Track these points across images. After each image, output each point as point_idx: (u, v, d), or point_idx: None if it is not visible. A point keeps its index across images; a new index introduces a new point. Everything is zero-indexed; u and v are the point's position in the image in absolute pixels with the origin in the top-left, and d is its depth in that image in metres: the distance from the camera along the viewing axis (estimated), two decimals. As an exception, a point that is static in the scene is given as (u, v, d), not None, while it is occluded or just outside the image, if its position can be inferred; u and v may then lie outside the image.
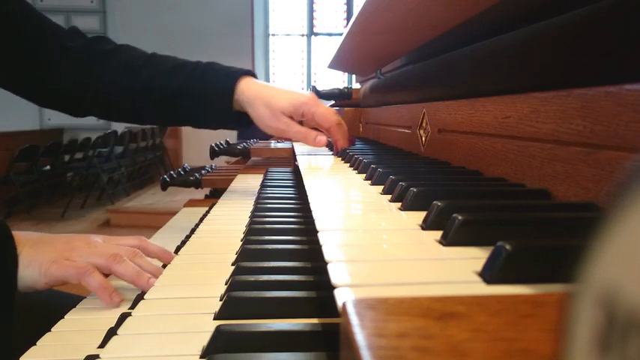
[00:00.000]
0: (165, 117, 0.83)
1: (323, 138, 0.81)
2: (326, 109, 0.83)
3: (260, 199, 0.81)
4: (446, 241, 0.32)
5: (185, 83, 0.78)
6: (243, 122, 0.83)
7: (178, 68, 0.80)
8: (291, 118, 0.80)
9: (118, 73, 0.79)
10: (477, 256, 0.29)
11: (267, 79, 6.33)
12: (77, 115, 0.84)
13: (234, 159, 1.65)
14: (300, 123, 0.82)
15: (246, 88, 0.79)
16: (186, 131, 5.93)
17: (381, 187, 0.55)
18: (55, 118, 5.71)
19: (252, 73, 0.82)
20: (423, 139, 0.87)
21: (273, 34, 6.35)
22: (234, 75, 0.79)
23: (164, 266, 0.53)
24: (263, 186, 0.94)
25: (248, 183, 1.06)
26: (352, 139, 0.94)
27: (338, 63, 1.69)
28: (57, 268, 0.47)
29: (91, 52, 0.79)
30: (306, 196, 0.54)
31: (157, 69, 0.79)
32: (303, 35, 6.35)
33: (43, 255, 0.48)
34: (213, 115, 0.80)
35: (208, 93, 0.78)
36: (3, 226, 0.48)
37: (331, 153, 0.99)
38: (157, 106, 0.80)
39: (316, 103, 0.81)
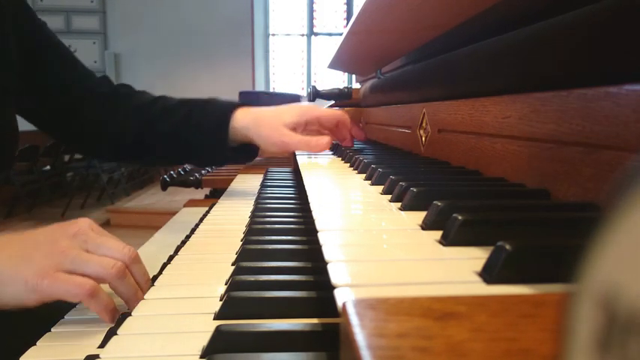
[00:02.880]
0: (167, 153, 0.85)
1: (324, 139, 0.81)
2: (328, 109, 0.84)
3: (260, 199, 0.81)
4: (446, 241, 0.32)
5: (185, 118, 0.81)
6: (247, 152, 0.84)
7: (181, 105, 0.83)
8: (294, 130, 0.80)
9: (131, 114, 0.83)
10: (477, 256, 0.29)
11: (267, 79, 6.34)
12: (92, 155, 0.92)
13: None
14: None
15: (243, 115, 0.80)
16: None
17: (381, 187, 0.55)
18: (55, 118, 5.70)
19: (250, 104, 0.84)
20: (423, 139, 0.87)
21: (273, 34, 6.35)
22: (230, 106, 0.81)
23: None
24: (263, 186, 0.94)
25: (248, 183, 1.06)
26: (360, 134, 0.95)
27: (338, 63, 1.69)
28: (51, 284, 0.40)
29: (114, 97, 0.84)
30: (306, 196, 0.54)
31: (163, 106, 0.83)
32: (303, 35, 6.35)
33: (26, 267, 0.40)
34: (212, 147, 0.81)
35: (205, 126, 0.80)
36: None
37: (331, 153, 0.99)
38: (160, 142, 0.82)
39: (317, 107, 0.83)
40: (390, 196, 0.49)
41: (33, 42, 0.77)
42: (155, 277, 0.50)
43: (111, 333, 0.38)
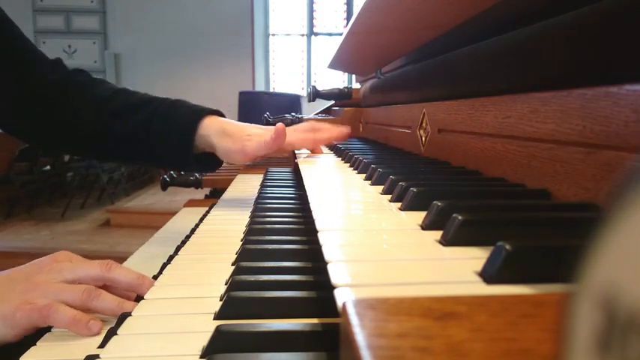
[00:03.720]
0: (128, 153, 0.80)
1: (278, 128, 0.74)
2: (301, 134, 0.81)
3: (260, 198, 0.81)
4: (446, 241, 0.32)
5: (148, 118, 0.75)
6: (210, 163, 0.79)
7: (145, 103, 0.77)
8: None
9: (86, 107, 0.77)
10: (477, 256, 0.29)
11: (267, 79, 6.33)
12: (44, 147, 0.84)
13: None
14: None
15: (211, 123, 0.75)
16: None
17: (381, 187, 0.55)
18: (55, 118, 5.70)
19: (220, 113, 0.79)
20: (423, 139, 0.87)
21: (273, 34, 6.35)
22: (200, 112, 0.76)
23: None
24: (263, 186, 0.94)
25: (248, 183, 1.06)
26: (344, 134, 0.94)
27: (338, 63, 1.69)
28: (21, 316, 0.41)
29: (68, 86, 0.78)
30: (306, 196, 0.54)
31: (123, 103, 0.77)
32: (303, 35, 6.35)
33: (4, 307, 0.42)
34: (175, 151, 0.75)
35: (170, 129, 0.75)
36: None
37: (332, 153, 0.99)
38: (120, 141, 0.77)
39: (288, 133, 0.78)
40: (390, 196, 0.49)
41: None
42: (155, 277, 0.50)
43: (111, 333, 0.38)
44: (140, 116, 0.75)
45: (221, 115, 0.79)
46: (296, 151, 1.01)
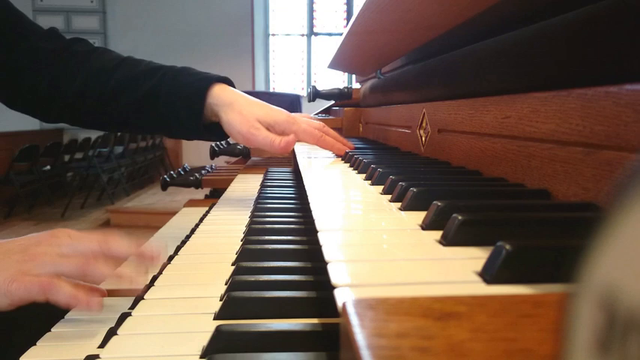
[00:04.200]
0: (135, 123, 0.78)
1: (288, 140, 0.74)
2: (308, 125, 0.78)
3: (260, 199, 0.81)
4: (446, 241, 0.32)
5: (156, 86, 0.74)
6: (218, 133, 0.77)
7: (151, 71, 0.76)
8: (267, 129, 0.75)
9: (91, 76, 0.76)
10: (477, 256, 0.29)
11: (267, 79, 6.34)
12: (48, 120, 0.81)
13: (234, 159, 1.64)
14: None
15: (221, 92, 0.74)
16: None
17: (381, 187, 0.55)
18: (55, 118, 5.71)
19: (229, 81, 0.78)
20: (423, 139, 0.87)
21: (273, 34, 6.35)
22: (209, 79, 0.75)
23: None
24: (263, 186, 0.94)
25: (248, 183, 1.06)
26: (346, 146, 0.90)
27: (338, 63, 1.69)
28: (17, 287, 0.41)
29: (66, 54, 0.77)
30: (306, 196, 0.54)
31: (129, 72, 0.76)
32: (303, 35, 6.35)
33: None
34: (185, 120, 0.74)
35: (179, 96, 0.73)
36: None
37: (332, 153, 0.99)
38: (127, 111, 0.76)
39: (295, 121, 0.76)
40: (390, 196, 0.49)
41: None
42: (155, 277, 0.50)
43: (111, 333, 0.38)
44: (147, 85, 0.74)
45: (230, 83, 0.78)
46: (296, 152, 1.01)
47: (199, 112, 0.73)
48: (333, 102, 1.82)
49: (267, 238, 0.59)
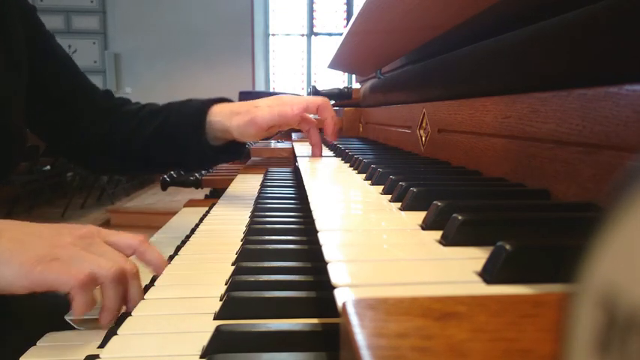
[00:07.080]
0: (152, 158, 0.85)
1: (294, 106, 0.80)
2: (323, 100, 0.83)
3: (260, 199, 0.81)
4: (446, 241, 0.32)
5: (166, 117, 0.81)
6: (232, 151, 0.83)
7: (161, 108, 0.84)
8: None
9: (123, 121, 0.84)
10: (477, 256, 0.29)
11: (267, 79, 6.34)
12: (99, 173, 0.93)
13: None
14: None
15: (221, 108, 0.79)
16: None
17: (381, 187, 0.55)
18: (55, 118, 5.71)
19: (228, 100, 0.83)
20: (423, 139, 0.87)
21: (273, 34, 6.35)
22: (208, 101, 0.81)
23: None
24: (263, 186, 0.94)
25: (248, 183, 1.06)
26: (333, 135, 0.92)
27: (338, 63, 1.69)
28: (42, 270, 0.38)
29: (116, 110, 0.86)
30: (306, 196, 0.54)
31: (149, 112, 0.84)
32: (303, 35, 6.35)
33: (24, 251, 0.39)
34: (191, 145, 0.79)
35: (182, 123, 0.80)
36: None
37: (332, 153, 0.99)
38: (145, 147, 0.83)
39: (282, 102, 0.81)
40: (390, 196, 0.49)
41: (36, 50, 0.76)
42: (155, 278, 0.50)
43: (111, 333, 0.38)
44: (159, 119, 0.82)
45: (229, 101, 0.83)
46: (296, 152, 1.01)
47: (201, 132, 0.78)
48: (333, 102, 1.82)
49: (267, 238, 0.59)
